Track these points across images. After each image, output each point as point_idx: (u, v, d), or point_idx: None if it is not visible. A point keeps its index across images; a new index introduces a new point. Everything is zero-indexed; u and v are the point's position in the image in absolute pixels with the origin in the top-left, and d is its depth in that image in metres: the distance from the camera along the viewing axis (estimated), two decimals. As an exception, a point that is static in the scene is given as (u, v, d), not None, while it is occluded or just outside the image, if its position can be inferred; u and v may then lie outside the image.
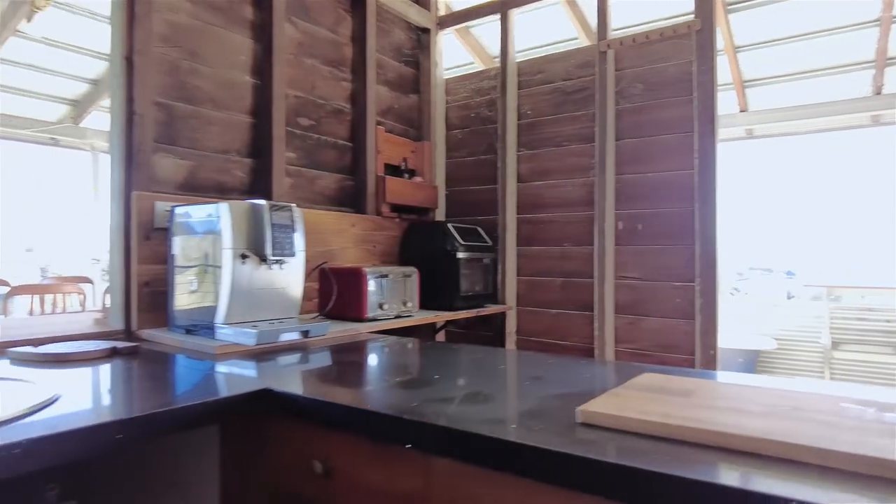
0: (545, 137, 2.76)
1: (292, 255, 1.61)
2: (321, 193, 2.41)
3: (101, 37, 4.61)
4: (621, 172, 2.53)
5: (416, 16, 2.91)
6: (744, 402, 0.87)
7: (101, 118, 5.62)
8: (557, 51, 2.84)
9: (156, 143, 1.80)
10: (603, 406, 0.86)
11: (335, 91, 2.48)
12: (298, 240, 1.63)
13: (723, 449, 0.72)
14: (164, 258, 1.71)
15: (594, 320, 2.56)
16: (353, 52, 2.56)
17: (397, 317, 2.12)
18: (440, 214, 3.00)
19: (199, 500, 1.19)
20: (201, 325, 1.57)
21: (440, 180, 3.03)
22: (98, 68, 5.06)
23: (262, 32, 2.14)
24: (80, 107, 5.44)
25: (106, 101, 5.34)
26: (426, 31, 2.98)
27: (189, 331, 1.60)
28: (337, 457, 0.97)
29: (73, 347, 1.40)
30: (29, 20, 3.68)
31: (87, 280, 4.50)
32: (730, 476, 0.65)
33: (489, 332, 2.82)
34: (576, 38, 4.24)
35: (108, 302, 3.86)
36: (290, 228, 1.60)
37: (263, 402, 1.06)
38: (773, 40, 4.19)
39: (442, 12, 3.09)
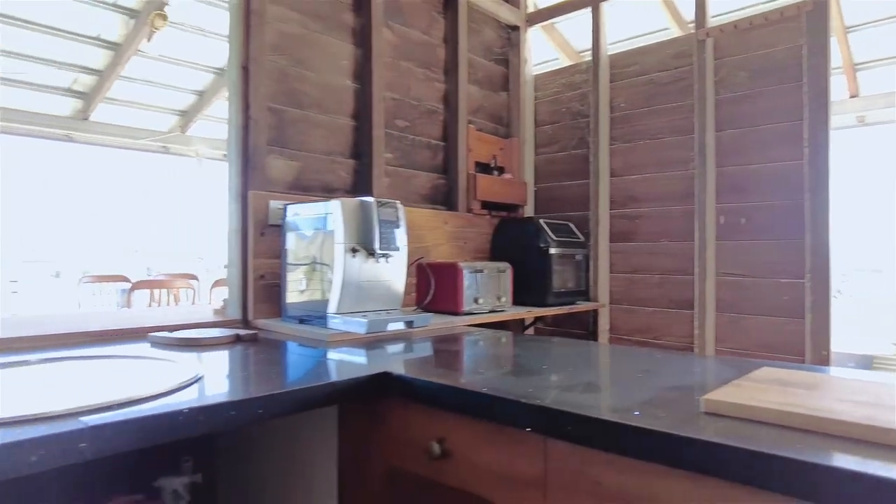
0: (639, 130, 2.69)
1: (397, 249, 1.68)
2: (416, 192, 2.48)
3: (208, 51, 4.98)
4: (722, 165, 2.43)
5: (507, 14, 2.93)
6: (881, 398, 0.83)
7: (205, 126, 6.05)
8: (647, 42, 2.77)
9: (268, 145, 1.93)
10: (728, 396, 0.84)
11: (429, 92, 2.54)
12: (402, 235, 1.70)
13: (868, 443, 0.69)
14: (277, 253, 1.83)
15: (694, 318, 2.47)
16: (446, 53, 2.62)
17: (491, 311, 2.15)
18: (529, 211, 3.00)
19: (319, 475, 1.28)
20: (313, 315, 1.67)
21: (529, 176, 3.03)
22: (204, 80, 5.45)
23: (362, 38, 2.24)
24: (186, 116, 5.88)
25: (209, 110, 5.75)
26: (515, 28, 2.99)
27: (301, 320, 1.71)
28: (454, 438, 1.01)
29: (202, 333, 1.54)
30: (149, 40, 4.03)
31: (194, 277, 4.85)
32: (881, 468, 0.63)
33: (580, 330, 2.79)
34: (666, 29, 4.10)
35: (214, 295, 4.16)
36: (395, 224, 1.66)
37: (382, 385, 1.12)
38: (888, 18, 3.86)
39: (530, 9, 3.09)
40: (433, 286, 2.04)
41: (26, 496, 1.24)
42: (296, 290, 1.75)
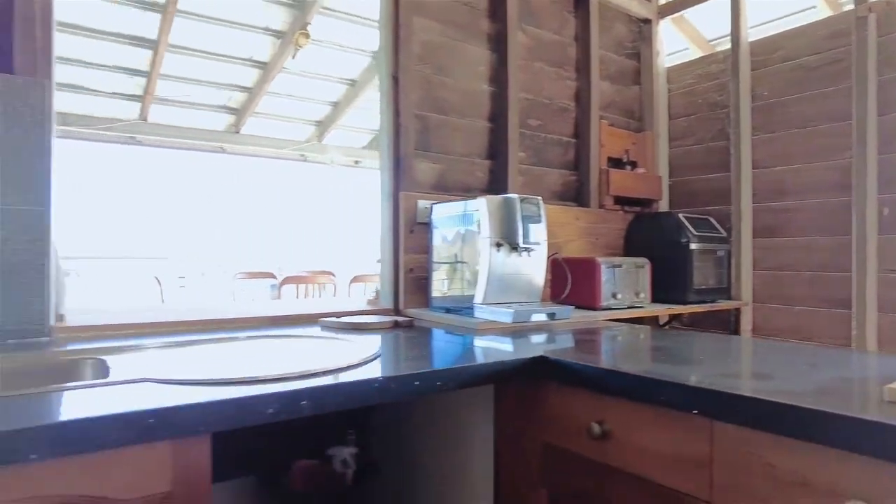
0: (785, 119, 2.55)
1: (538, 243, 1.75)
2: (548, 189, 2.53)
3: (342, 64, 5.35)
4: (886, 152, 2.24)
5: (638, 8, 2.89)
6: None
7: (339, 135, 6.50)
8: (790, 26, 2.60)
9: (415, 150, 2.09)
10: (916, 385, 0.82)
11: (560, 90, 2.59)
12: (542, 230, 1.76)
13: None
14: (425, 248, 1.98)
15: (852, 318, 2.30)
16: (577, 51, 2.64)
17: (630, 307, 2.15)
18: (664, 206, 2.94)
19: (475, 449, 1.38)
20: (461, 305, 1.78)
21: (663, 170, 2.97)
22: (338, 91, 5.86)
23: (497, 42, 2.34)
24: (322, 126, 6.36)
25: (342, 120, 6.17)
26: (647, 21, 2.94)
27: (448, 310, 1.83)
28: (614, 420, 1.06)
29: (365, 319, 1.71)
30: (293, 57, 4.44)
31: (332, 273, 5.24)
32: None
33: (720, 330, 2.69)
34: (812, 8, 3.79)
35: (353, 290, 4.49)
36: (536, 219, 1.74)
37: (537, 368, 1.20)
38: None
39: (662, 1, 3.02)
40: (570, 281, 2.08)
41: (230, 458, 1.47)
42: (443, 280, 1.88)
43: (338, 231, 6.73)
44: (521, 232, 1.69)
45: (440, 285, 1.90)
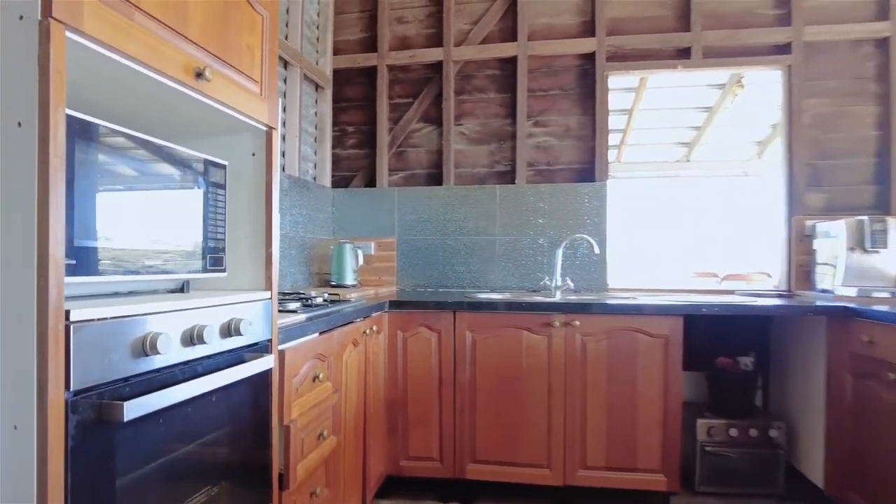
0: None
1: (885, 247, 2.70)
2: (942, 203, 3.18)
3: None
4: None
5: None
6: None
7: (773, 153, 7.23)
8: None
9: (806, 185, 3.22)
10: None
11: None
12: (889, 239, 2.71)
13: None
14: (808, 252, 3.12)
15: None
16: (977, 86, 3.16)
17: None
18: None
19: (813, 370, 2.57)
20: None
21: None
22: (764, 133, 6.70)
23: (885, 99, 3.19)
24: (762, 145, 7.24)
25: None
26: None
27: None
28: None
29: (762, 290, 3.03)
30: (732, 101, 5.70)
31: (767, 273, 6.17)
32: None
33: None
34: None
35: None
36: (882, 233, 2.70)
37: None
38: None
39: None
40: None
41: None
42: (818, 276, 3.01)
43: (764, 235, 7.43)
44: (869, 238, 2.71)
45: (819, 278, 3.01)
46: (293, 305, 2.03)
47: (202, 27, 1.31)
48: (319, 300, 2.24)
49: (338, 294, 2.60)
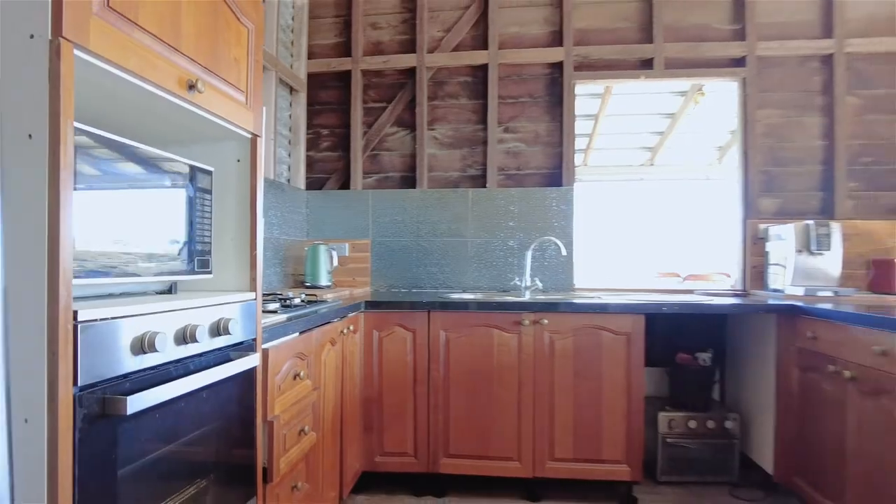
0: None
1: (828, 249, 2.91)
2: (884, 206, 3.40)
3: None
4: None
5: None
6: None
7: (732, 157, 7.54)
8: None
9: (760, 192, 3.42)
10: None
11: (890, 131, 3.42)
12: (832, 241, 2.91)
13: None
14: (761, 254, 3.31)
15: None
16: (912, 100, 3.41)
17: (933, 295, 2.96)
18: None
19: (764, 365, 2.76)
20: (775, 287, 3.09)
21: None
22: (725, 139, 6.99)
23: (828, 110, 3.41)
24: (723, 150, 7.54)
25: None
26: None
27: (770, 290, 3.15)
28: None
29: (718, 290, 3.21)
30: (694, 107, 5.94)
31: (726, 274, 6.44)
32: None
33: None
34: None
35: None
36: (826, 236, 2.90)
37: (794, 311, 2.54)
38: None
39: None
40: (877, 274, 3.06)
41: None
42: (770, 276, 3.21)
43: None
44: (814, 241, 2.90)
45: (772, 279, 3.21)
46: (273, 306, 2.10)
47: (194, 40, 1.38)
48: (297, 301, 2.31)
49: (315, 295, 2.67)
